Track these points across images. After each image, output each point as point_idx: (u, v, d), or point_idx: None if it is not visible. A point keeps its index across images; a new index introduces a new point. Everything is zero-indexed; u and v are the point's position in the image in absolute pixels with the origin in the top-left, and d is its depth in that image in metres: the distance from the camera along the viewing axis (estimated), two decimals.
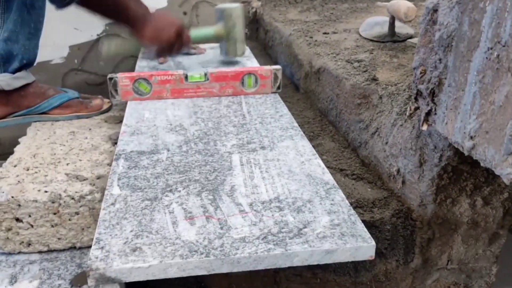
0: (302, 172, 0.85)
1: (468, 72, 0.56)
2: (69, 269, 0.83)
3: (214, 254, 0.65)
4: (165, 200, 0.77)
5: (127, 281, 0.64)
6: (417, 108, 0.71)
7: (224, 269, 0.65)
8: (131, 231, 0.70)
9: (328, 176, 0.84)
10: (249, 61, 1.49)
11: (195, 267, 0.64)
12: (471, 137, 0.56)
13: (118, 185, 0.82)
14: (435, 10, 0.62)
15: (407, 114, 0.75)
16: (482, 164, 0.56)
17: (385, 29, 1.29)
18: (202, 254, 0.65)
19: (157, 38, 1.22)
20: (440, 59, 0.62)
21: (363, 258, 0.69)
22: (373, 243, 0.68)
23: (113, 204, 0.76)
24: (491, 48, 0.51)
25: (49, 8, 1.23)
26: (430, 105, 0.66)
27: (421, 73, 0.66)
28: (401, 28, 1.30)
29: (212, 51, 1.64)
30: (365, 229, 0.70)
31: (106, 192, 0.80)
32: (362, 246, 0.67)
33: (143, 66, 1.47)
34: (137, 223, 0.71)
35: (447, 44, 0.60)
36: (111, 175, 0.85)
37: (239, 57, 1.48)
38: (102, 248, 0.66)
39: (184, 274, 0.65)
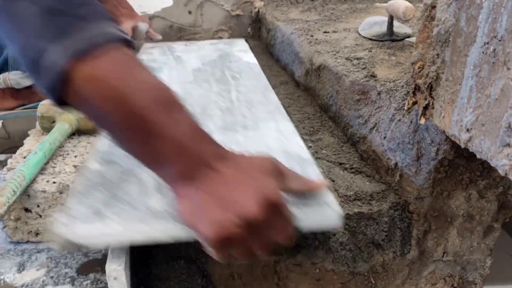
0: (280, 149, 0.86)
1: (465, 67, 0.58)
2: (75, 258, 0.85)
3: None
4: (140, 174, 0.76)
5: (91, 247, 0.64)
6: (415, 103, 0.73)
7: (189, 237, 0.65)
8: (101, 200, 0.70)
9: (305, 153, 0.85)
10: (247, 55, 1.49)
11: (160, 232, 0.65)
12: (468, 130, 0.58)
13: (96, 160, 0.81)
14: (433, 7, 0.64)
15: (405, 108, 0.77)
16: (478, 156, 0.58)
17: (383, 28, 1.31)
18: (168, 221, 0.65)
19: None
20: (437, 54, 0.64)
21: (331, 227, 0.72)
22: (341, 212, 0.69)
23: (86, 175, 0.76)
24: (487, 43, 0.53)
25: None
26: (428, 99, 0.68)
27: (419, 68, 0.68)
28: (399, 27, 1.32)
29: (211, 47, 1.64)
30: (335, 200, 0.71)
31: (82, 165, 0.79)
32: (330, 215, 0.69)
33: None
34: (108, 194, 0.71)
35: (444, 40, 0.62)
36: (92, 152, 0.84)
37: None
38: (68, 214, 0.66)
39: (149, 241, 0.65)
